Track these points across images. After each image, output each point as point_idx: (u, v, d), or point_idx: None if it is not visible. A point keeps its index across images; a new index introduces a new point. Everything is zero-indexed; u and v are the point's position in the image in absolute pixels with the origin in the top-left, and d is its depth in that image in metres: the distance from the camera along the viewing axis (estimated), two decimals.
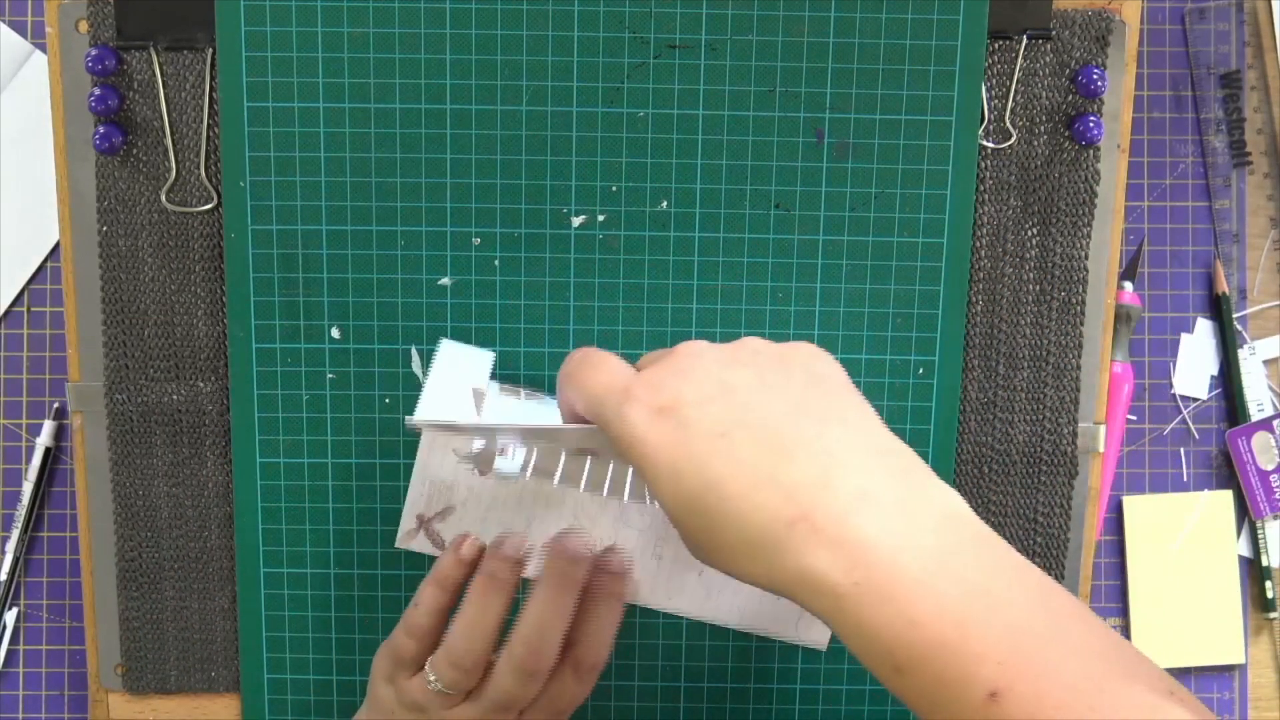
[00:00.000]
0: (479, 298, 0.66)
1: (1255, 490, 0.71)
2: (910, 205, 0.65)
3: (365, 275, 0.66)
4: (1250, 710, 0.72)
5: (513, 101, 0.65)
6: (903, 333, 0.66)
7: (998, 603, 0.44)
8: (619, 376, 0.50)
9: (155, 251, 0.67)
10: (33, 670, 0.72)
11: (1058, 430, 0.68)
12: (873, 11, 0.64)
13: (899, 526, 0.45)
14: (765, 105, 0.65)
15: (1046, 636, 0.43)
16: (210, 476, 0.68)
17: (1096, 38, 0.66)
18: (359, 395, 0.66)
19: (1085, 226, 0.67)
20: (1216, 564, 0.72)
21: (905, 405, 0.66)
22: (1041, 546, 0.68)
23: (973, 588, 0.44)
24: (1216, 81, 0.72)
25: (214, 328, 0.67)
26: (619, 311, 0.66)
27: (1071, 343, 0.67)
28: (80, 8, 0.65)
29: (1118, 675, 0.43)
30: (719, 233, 0.65)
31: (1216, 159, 0.72)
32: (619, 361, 0.51)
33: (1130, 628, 0.72)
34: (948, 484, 0.48)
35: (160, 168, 0.66)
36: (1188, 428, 0.73)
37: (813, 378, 0.50)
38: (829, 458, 0.47)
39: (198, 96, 0.66)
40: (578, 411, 0.52)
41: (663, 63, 0.64)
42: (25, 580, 0.72)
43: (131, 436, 0.67)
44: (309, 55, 0.64)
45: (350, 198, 0.65)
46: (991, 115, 0.66)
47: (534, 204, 0.65)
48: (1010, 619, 0.44)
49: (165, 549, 0.68)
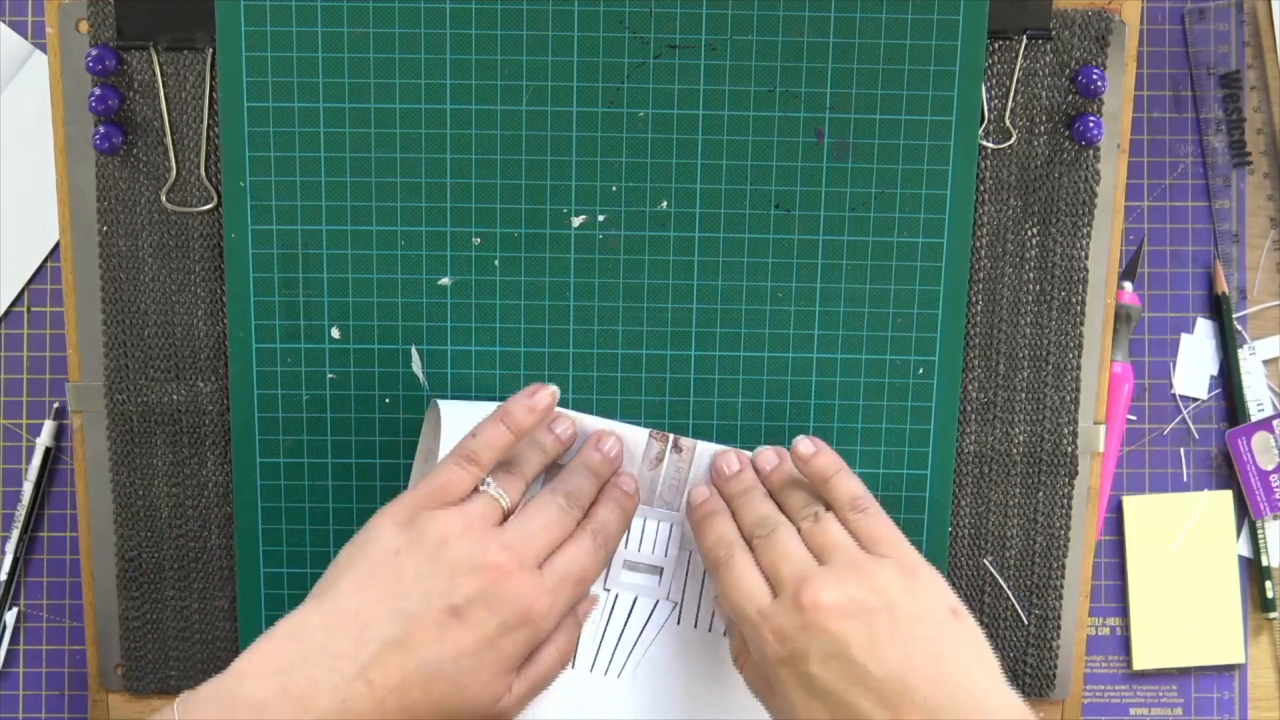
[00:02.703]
0: (479, 298, 0.66)
1: (1255, 490, 0.71)
2: (910, 205, 0.65)
3: (365, 275, 0.66)
4: (1250, 710, 0.72)
5: (513, 101, 0.65)
6: (903, 333, 0.66)
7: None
8: (758, 597, 0.58)
9: (155, 251, 0.67)
10: (33, 670, 0.72)
11: (1058, 430, 0.68)
12: (873, 11, 0.64)
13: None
14: (765, 105, 0.65)
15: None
16: (210, 476, 0.68)
17: (1096, 38, 0.66)
18: (359, 395, 0.66)
19: (1085, 226, 0.67)
20: (1216, 564, 0.72)
21: (905, 405, 0.66)
22: (1041, 546, 0.68)
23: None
24: (1216, 81, 0.72)
25: (214, 328, 0.67)
26: (619, 311, 0.66)
27: (1071, 343, 0.67)
28: (80, 8, 0.65)
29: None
30: (719, 233, 0.65)
31: (1216, 159, 0.72)
32: (755, 574, 0.59)
33: (1130, 628, 0.72)
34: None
35: (160, 168, 0.66)
36: (1188, 428, 0.73)
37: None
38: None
39: (198, 96, 0.66)
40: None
41: (663, 63, 0.64)
42: (25, 580, 0.72)
43: (131, 436, 0.67)
44: (309, 55, 0.64)
45: (350, 198, 0.65)
46: (991, 115, 0.66)
47: (534, 204, 0.65)
48: None
49: (165, 549, 0.68)
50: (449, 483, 0.58)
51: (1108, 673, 0.72)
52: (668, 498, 0.65)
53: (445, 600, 0.56)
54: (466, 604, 0.56)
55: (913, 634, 0.55)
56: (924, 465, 0.67)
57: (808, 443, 0.62)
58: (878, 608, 0.55)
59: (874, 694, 0.53)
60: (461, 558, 0.56)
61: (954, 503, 0.68)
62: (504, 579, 0.56)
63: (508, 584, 0.56)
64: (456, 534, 0.57)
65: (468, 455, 0.59)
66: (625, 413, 0.66)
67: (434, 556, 0.56)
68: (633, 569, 0.65)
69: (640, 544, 0.65)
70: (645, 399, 0.66)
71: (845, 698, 0.54)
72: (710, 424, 0.66)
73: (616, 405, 0.66)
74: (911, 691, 0.53)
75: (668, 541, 0.65)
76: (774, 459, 0.64)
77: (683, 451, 0.65)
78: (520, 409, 0.61)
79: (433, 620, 0.55)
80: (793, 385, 0.66)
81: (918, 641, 0.55)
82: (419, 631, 0.55)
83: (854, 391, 0.66)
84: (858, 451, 0.66)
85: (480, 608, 0.56)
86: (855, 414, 0.66)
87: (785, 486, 0.63)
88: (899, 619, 0.55)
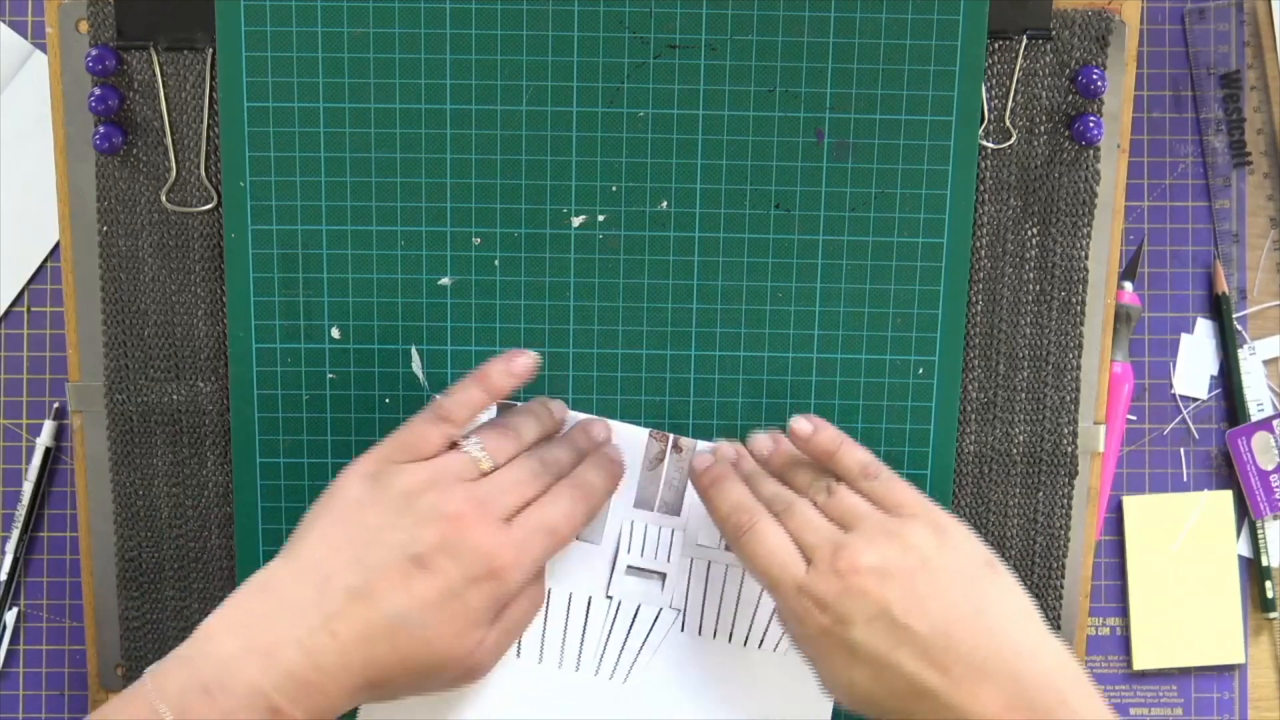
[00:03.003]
0: (479, 298, 0.66)
1: (1255, 490, 0.71)
2: (910, 205, 0.65)
3: (365, 275, 0.66)
4: (1250, 710, 0.72)
5: (513, 101, 0.65)
6: (903, 333, 0.66)
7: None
8: (791, 566, 0.57)
9: (155, 251, 0.67)
10: (33, 670, 0.72)
11: (1058, 430, 0.68)
12: (873, 11, 0.64)
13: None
14: (765, 105, 0.65)
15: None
16: (210, 476, 0.68)
17: (1096, 38, 0.66)
18: (359, 395, 0.66)
19: (1085, 226, 0.67)
20: (1216, 564, 0.72)
21: (905, 405, 0.66)
22: (1042, 546, 0.68)
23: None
24: (1216, 81, 0.72)
25: (214, 328, 0.67)
26: (619, 311, 0.66)
27: (1071, 343, 0.67)
28: (80, 8, 0.65)
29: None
30: (719, 233, 0.65)
31: (1216, 159, 0.72)
32: (785, 541, 0.58)
33: (1130, 628, 0.72)
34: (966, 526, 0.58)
35: (160, 168, 0.66)
36: (1188, 428, 0.73)
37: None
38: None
39: (198, 96, 0.66)
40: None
41: (663, 63, 0.64)
42: (25, 580, 0.72)
43: (131, 436, 0.67)
44: (309, 55, 0.64)
45: (350, 198, 0.65)
46: (991, 115, 0.66)
47: (534, 204, 0.65)
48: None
49: (165, 549, 0.68)
50: (420, 437, 0.58)
51: (1108, 673, 0.72)
52: (669, 500, 0.65)
53: (408, 550, 0.55)
54: (429, 553, 0.55)
55: (952, 589, 0.55)
56: (924, 465, 0.67)
57: (804, 422, 0.61)
58: (914, 566, 0.55)
59: (919, 652, 0.54)
60: (425, 508, 0.56)
61: (954, 503, 0.68)
62: (467, 529, 0.56)
63: (471, 534, 0.56)
64: (422, 486, 0.57)
65: (440, 413, 0.59)
66: (625, 413, 0.66)
67: (398, 508, 0.56)
68: (635, 574, 0.65)
69: (643, 549, 0.65)
70: (645, 399, 0.66)
71: (890, 658, 0.54)
72: (710, 424, 0.66)
73: (616, 405, 0.66)
74: (957, 646, 0.54)
75: (670, 547, 0.65)
76: (770, 444, 0.63)
77: (683, 451, 0.65)
78: (497, 371, 0.61)
79: (396, 570, 0.55)
80: (793, 385, 0.66)
81: (957, 595, 0.55)
82: (382, 581, 0.55)
83: (854, 391, 0.66)
84: None
85: (443, 557, 0.55)
86: (855, 414, 0.66)
87: (788, 467, 0.62)
88: (937, 576, 0.55)
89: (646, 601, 0.65)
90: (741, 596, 0.65)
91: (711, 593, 0.65)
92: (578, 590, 0.65)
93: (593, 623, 0.64)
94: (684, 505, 0.65)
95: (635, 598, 0.65)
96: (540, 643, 0.65)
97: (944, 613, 0.54)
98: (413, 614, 0.55)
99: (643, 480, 0.65)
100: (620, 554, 0.65)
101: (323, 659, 0.54)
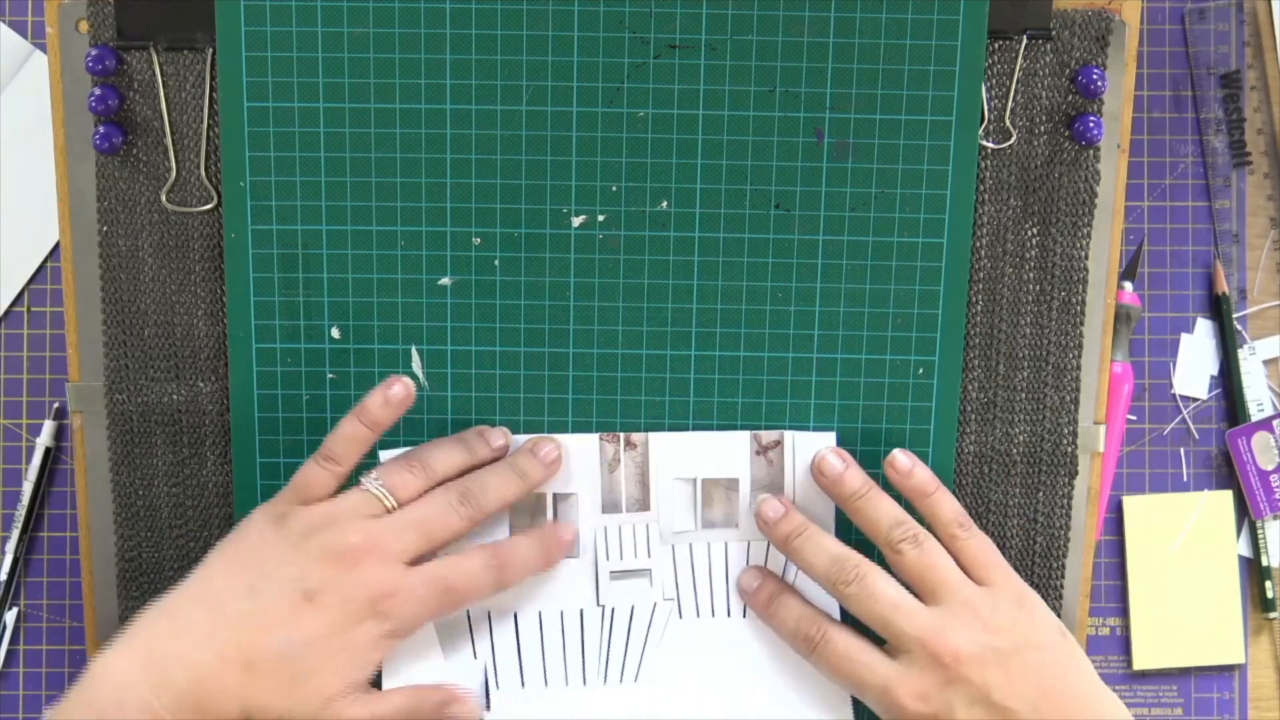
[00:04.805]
0: (479, 298, 0.66)
1: (1255, 490, 0.71)
2: (910, 205, 0.65)
3: (365, 275, 0.66)
4: (1250, 710, 0.72)
5: (513, 101, 0.65)
6: (903, 333, 0.66)
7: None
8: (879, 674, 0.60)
9: (155, 251, 0.67)
10: (33, 670, 0.72)
11: (1058, 430, 0.68)
12: (873, 11, 0.64)
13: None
14: (765, 105, 0.65)
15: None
16: (210, 476, 0.68)
17: (1096, 38, 0.66)
18: (359, 395, 0.66)
19: (1085, 226, 0.67)
20: (1216, 564, 0.72)
21: (905, 405, 0.66)
22: (1041, 546, 0.68)
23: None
24: (1216, 81, 0.72)
25: (214, 328, 0.67)
26: (619, 311, 0.66)
27: (1071, 343, 0.67)
28: (80, 8, 0.65)
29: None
30: (719, 233, 0.65)
31: (1216, 159, 0.72)
32: (862, 645, 0.61)
33: (1130, 628, 0.72)
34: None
35: (160, 168, 0.66)
36: (1188, 428, 0.73)
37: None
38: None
39: (198, 96, 0.66)
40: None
41: (663, 63, 0.64)
42: (25, 580, 0.72)
43: (131, 436, 0.67)
44: (309, 55, 0.64)
45: (350, 198, 0.65)
46: (991, 115, 0.66)
47: (534, 204, 0.65)
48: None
49: (165, 549, 0.68)
50: (309, 481, 0.60)
51: (1108, 673, 0.72)
52: (636, 495, 0.65)
53: (299, 585, 0.57)
54: (319, 589, 0.57)
55: (1040, 665, 0.60)
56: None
57: (904, 457, 0.63)
58: (1009, 650, 0.59)
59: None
60: (318, 546, 0.58)
61: None
62: (356, 566, 0.58)
63: (360, 572, 0.57)
64: (320, 524, 0.58)
65: (324, 453, 0.61)
66: (625, 412, 0.66)
67: (295, 544, 0.58)
68: (620, 578, 0.65)
69: (621, 551, 0.65)
70: (645, 399, 0.66)
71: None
72: (710, 424, 0.66)
73: (616, 405, 0.66)
74: (1050, 717, 0.59)
75: (647, 541, 0.65)
76: (840, 465, 0.64)
77: (636, 447, 0.65)
78: (374, 404, 0.62)
79: (286, 603, 0.57)
80: (793, 385, 0.66)
81: (1045, 671, 0.60)
82: (272, 612, 0.57)
83: (854, 391, 0.66)
84: (858, 452, 0.66)
85: (331, 593, 0.57)
86: (855, 414, 0.66)
87: (862, 496, 0.63)
88: (1027, 656, 0.60)
89: (638, 601, 0.65)
90: (729, 570, 0.65)
91: (700, 574, 0.65)
92: (568, 607, 0.65)
93: (589, 634, 0.64)
94: (651, 498, 0.65)
95: (627, 600, 0.65)
96: (542, 666, 0.65)
97: (1038, 688, 0.59)
98: (298, 645, 0.57)
99: (605, 484, 0.65)
100: (600, 562, 0.65)
101: (210, 681, 0.56)
